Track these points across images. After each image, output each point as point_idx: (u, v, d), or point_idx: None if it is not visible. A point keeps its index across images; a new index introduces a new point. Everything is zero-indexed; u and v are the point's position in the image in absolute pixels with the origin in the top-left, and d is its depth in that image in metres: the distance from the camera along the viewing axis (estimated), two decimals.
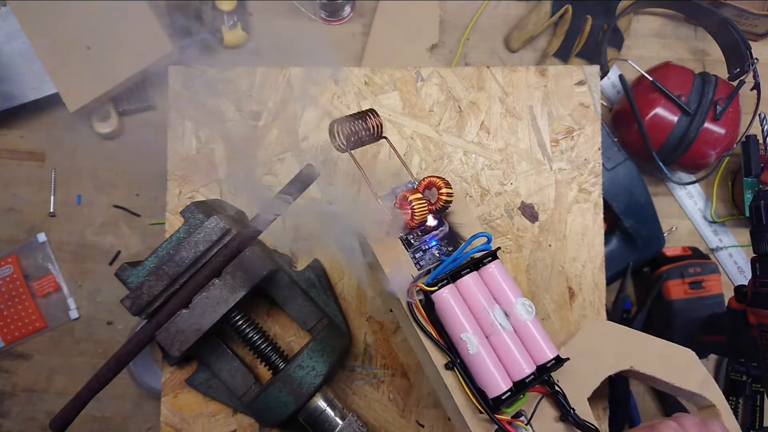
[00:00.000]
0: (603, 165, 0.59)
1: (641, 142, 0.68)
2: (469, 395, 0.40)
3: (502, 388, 0.39)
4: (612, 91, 0.77)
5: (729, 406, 0.48)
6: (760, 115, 0.71)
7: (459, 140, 0.59)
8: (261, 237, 0.51)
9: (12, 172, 0.75)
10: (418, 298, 0.42)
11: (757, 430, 0.69)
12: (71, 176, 0.74)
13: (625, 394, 0.66)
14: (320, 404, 0.50)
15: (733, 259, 0.74)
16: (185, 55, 0.74)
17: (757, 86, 0.69)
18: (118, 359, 0.47)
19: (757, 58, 0.68)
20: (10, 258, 0.72)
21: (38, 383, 0.72)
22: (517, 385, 0.40)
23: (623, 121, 0.71)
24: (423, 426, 0.55)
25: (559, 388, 0.43)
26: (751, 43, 0.70)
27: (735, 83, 0.69)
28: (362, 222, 0.44)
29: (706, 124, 0.67)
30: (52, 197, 0.74)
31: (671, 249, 0.72)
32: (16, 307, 0.71)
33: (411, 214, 0.42)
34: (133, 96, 0.74)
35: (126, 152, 0.75)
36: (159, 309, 0.48)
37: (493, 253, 0.43)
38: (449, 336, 0.41)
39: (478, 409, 0.40)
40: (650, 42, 0.78)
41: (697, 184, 0.75)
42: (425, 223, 0.44)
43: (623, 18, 0.75)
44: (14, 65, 0.72)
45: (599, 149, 0.58)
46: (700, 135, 0.67)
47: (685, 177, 0.75)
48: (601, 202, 0.58)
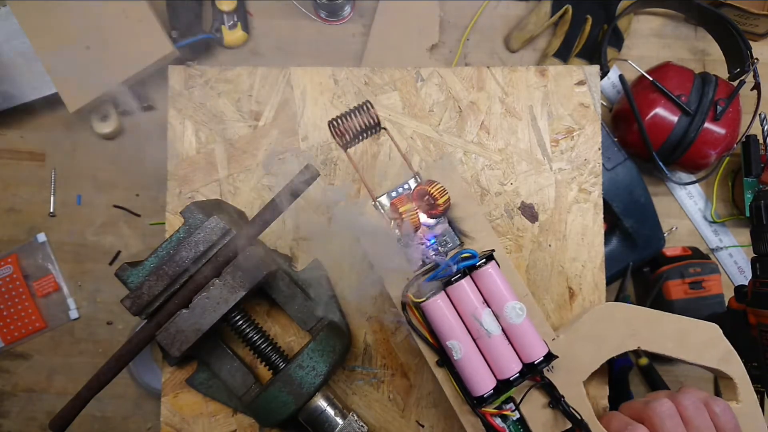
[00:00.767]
0: (603, 165, 0.59)
1: (641, 142, 0.68)
2: (457, 391, 0.44)
3: (486, 388, 0.42)
4: (612, 91, 0.77)
5: (749, 380, 0.47)
6: (760, 115, 0.71)
7: (459, 140, 0.59)
8: (261, 237, 0.51)
9: (12, 172, 0.75)
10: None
11: None
12: (71, 176, 0.74)
13: (625, 394, 0.66)
14: (320, 404, 0.50)
15: (733, 259, 0.74)
16: (185, 55, 0.74)
17: (757, 86, 0.69)
18: (118, 359, 0.47)
19: (757, 58, 0.68)
20: (10, 258, 0.72)
21: (38, 383, 0.72)
22: (502, 382, 0.42)
23: (623, 121, 0.71)
24: (423, 426, 0.55)
25: (548, 380, 0.44)
26: (751, 43, 0.70)
27: (735, 83, 0.69)
28: (359, 226, 0.45)
29: (706, 124, 0.67)
30: (52, 197, 0.74)
31: (671, 249, 0.72)
32: (16, 307, 0.71)
33: (403, 224, 0.43)
34: (133, 96, 0.74)
35: (126, 152, 0.75)
36: (159, 309, 0.48)
37: (489, 256, 0.43)
38: (439, 340, 0.43)
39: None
40: (650, 42, 0.78)
41: (697, 184, 0.75)
42: (419, 229, 0.44)
43: (623, 18, 0.75)
44: (14, 65, 0.72)
45: (599, 149, 0.58)
46: (700, 135, 0.67)
47: (685, 177, 0.75)
48: (601, 202, 0.58)
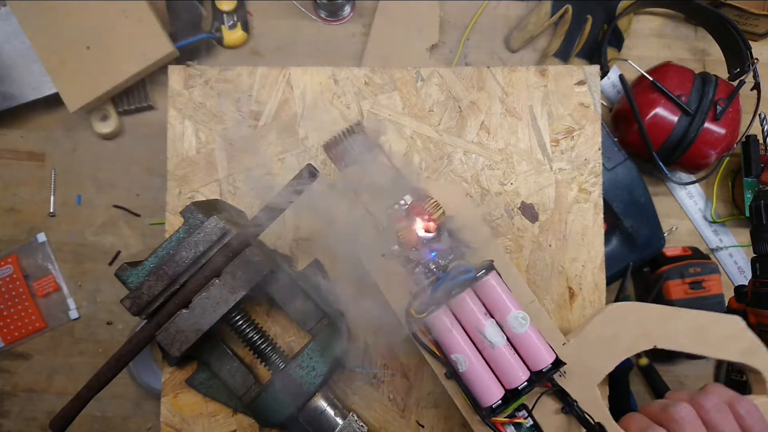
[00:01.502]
0: (603, 165, 0.59)
1: (641, 142, 0.68)
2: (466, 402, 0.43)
3: (494, 399, 0.41)
4: (612, 91, 0.77)
5: None
6: (760, 115, 0.71)
7: (459, 140, 0.59)
8: (261, 237, 0.51)
9: (12, 172, 0.75)
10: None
11: None
12: (71, 176, 0.74)
13: (625, 394, 0.66)
14: (320, 404, 0.50)
15: (733, 259, 0.74)
16: (185, 55, 0.74)
17: (757, 86, 0.69)
18: (118, 359, 0.47)
19: (757, 58, 0.68)
20: (10, 258, 0.72)
21: (38, 383, 0.72)
22: (510, 392, 0.42)
23: (623, 121, 0.71)
24: (423, 426, 0.55)
25: (558, 386, 0.44)
26: (751, 43, 0.70)
27: (735, 83, 0.69)
28: (356, 241, 0.45)
29: (706, 124, 0.67)
30: (52, 197, 0.74)
31: (671, 249, 0.71)
32: (16, 307, 0.71)
33: (399, 242, 0.43)
34: (133, 96, 0.74)
35: (126, 152, 0.75)
36: (159, 309, 0.48)
37: (489, 266, 0.43)
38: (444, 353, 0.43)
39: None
40: (650, 42, 0.78)
41: (697, 184, 0.75)
42: (417, 245, 0.44)
43: (623, 18, 0.75)
44: (14, 65, 0.72)
45: (599, 149, 0.58)
46: (700, 135, 0.67)
47: (685, 177, 0.75)
48: (601, 202, 0.58)
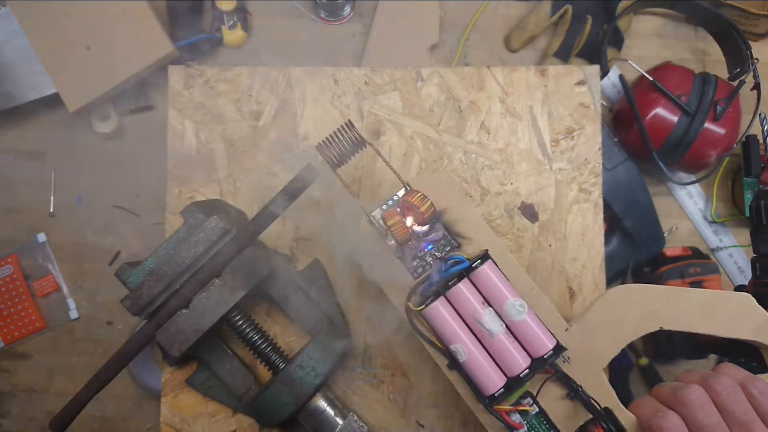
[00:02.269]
0: (603, 165, 0.59)
1: (641, 142, 0.68)
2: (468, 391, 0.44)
3: (495, 387, 0.42)
4: (612, 91, 0.77)
5: None
6: (760, 115, 0.71)
7: (459, 140, 0.59)
8: (261, 237, 0.51)
9: (12, 172, 0.75)
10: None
11: None
12: (71, 176, 0.74)
13: (625, 394, 0.66)
14: (320, 404, 0.50)
15: (733, 259, 0.74)
16: (185, 55, 0.74)
17: (757, 86, 0.69)
18: (118, 359, 0.47)
19: (757, 58, 0.68)
20: (9, 258, 0.72)
21: (38, 383, 0.72)
22: (512, 379, 0.42)
23: (623, 121, 0.71)
24: (423, 426, 0.55)
25: (561, 371, 0.44)
26: (751, 43, 0.70)
27: (735, 83, 0.69)
28: (353, 239, 0.45)
29: (706, 124, 0.67)
30: (51, 197, 0.74)
31: (671, 249, 0.71)
32: (16, 307, 0.71)
33: (393, 237, 0.43)
34: (133, 96, 0.74)
35: (126, 152, 0.75)
36: (159, 309, 0.48)
37: (484, 255, 0.43)
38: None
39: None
40: (650, 42, 0.78)
41: (697, 184, 0.75)
42: (410, 240, 0.44)
43: (623, 18, 0.75)
44: (14, 65, 0.72)
45: (599, 149, 0.58)
46: (700, 135, 0.67)
47: (685, 177, 0.75)
48: (601, 202, 0.58)
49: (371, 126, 0.59)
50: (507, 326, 0.43)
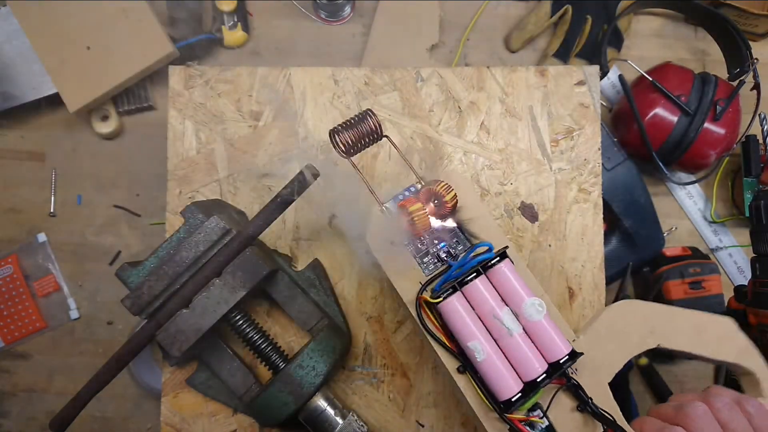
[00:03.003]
0: (603, 165, 0.59)
1: (641, 142, 0.68)
2: (481, 397, 0.41)
3: (512, 391, 0.39)
4: (612, 91, 0.77)
5: None
6: (760, 115, 0.71)
7: (459, 140, 0.59)
8: (261, 237, 0.51)
9: (12, 172, 0.75)
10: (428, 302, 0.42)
11: None
12: (71, 176, 0.74)
13: (625, 394, 0.66)
14: (320, 404, 0.50)
15: (733, 259, 0.74)
16: (185, 55, 0.74)
17: (757, 86, 0.69)
18: (118, 359, 0.47)
19: (757, 58, 0.68)
20: (10, 258, 0.72)
21: (38, 383, 0.72)
22: (528, 384, 0.40)
23: (623, 121, 0.71)
24: (423, 426, 0.55)
25: (575, 381, 0.42)
26: (751, 43, 0.70)
27: (735, 83, 0.69)
28: (365, 231, 0.44)
29: (706, 124, 0.67)
30: (52, 197, 0.74)
31: (671, 249, 0.72)
32: (16, 307, 0.71)
33: (413, 225, 0.42)
34: (133, 96, 0.74)
35: (126, 152, 0.75)
36: (159, 309, 0.48)
37: (502, 253, 0.42)
38: (459, 342, 0.41)
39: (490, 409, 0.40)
40: (650, 42, 0.78)
41: (696, 184, 0.75)
42: (429, 230, 0.43)
43: (623, 18, 0.75)
44: (14, 65, 0.72)
45: (599, 149, 0.59)
46: (700, 135, 0.67)
47: (684, 177, 0.75)
48: (600, 202, 0.58)
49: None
50: (523, 328, 0.41)
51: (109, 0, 0.70)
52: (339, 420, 0.50)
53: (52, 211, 0.74)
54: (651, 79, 0.68)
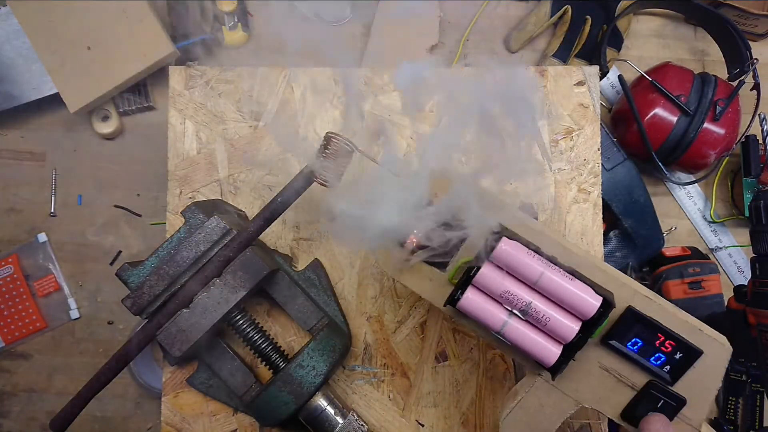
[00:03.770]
0: (602, 165, 0.59)
1: (641, 142, 0.68)
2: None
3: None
4: (611, 91, 0.77)
5: None
6: (759, 115, 0.71)
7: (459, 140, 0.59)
8: (261, 237, 0.51)
9: (13, 172, 0.75)
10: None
11: (757, 430, 0.69)
12: (72, 176, 0.75)
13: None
14: (321, 403, 0.50)
15: (733, 259, 0.74)
16: (186, 56, 0.74)
17: (756, 86, 0.69)
18: (118, 359, 0.47)
19: (756, 58, 0.69)
20: (10, 258, 0.72)
21: (39, 383, 0.72)
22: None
23: (622, 122, 0.71)
24: (423, 425, 0.55)
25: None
26: (751, 43, 0.70)
27: (735, 83, 0.69)
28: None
29: (706, 124, 0.67)
30: (52, 197, 0.74)
31: (670, 249, 0.72)
32: (17, 307, 0.72)
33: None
34: (133, 96, 0.75)
35: (126, 152, 0.75)
36: (160, 309, 0.48)
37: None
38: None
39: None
40: (650, 42, 0.78)
41: (696, 184, 0.75)
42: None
43: (623, 18, 0.75)
44: (15, 65, 0.72)
45: (598, 149, 0.59)
46: (700, 135, 0.67)
47: (684, 177, 0.75)
48: (600, 202, 0.58)
49: (371, 126, 0.59)
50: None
51: (109, 0, 0.70)
52: (339, 419, 0.50)
53: (52, 211, 0.74)
54: (650, 79, 0.68)
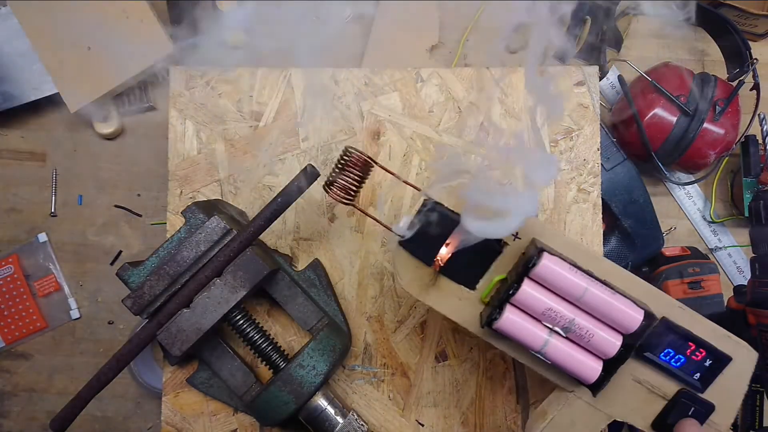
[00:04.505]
0: (602, 165, 0.59)
1: (640, 143, 0.68)
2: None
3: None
4: (611, 91, 0.77)
5: None
6: (759, 115, 0.71)
7: (459, 140, 0.59)
8: (261, 237, 0.51)
9: (13, 172, 0.75)
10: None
11: (757, 430, 0.69)
12: (72, 176, 0.74)
13: None
14: (321, 403, 0.50)
15: (733, 259, 0.74)
16: (186, 56, 0.74)
17: (756, 86, 0.69)
18: (118, 359, 0.47)
19: (756, 58, 0.69)
20: (10, 258, 0.72)
21: (39, 383, 0.72)
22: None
23: (622, 122, 0.71)
24: (423, 425, 0.55)
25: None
26: (751, 43, 0.70)
27: (734, 83, 0.69)
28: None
29: (706, 124, 0.67)
30: (53, 197, 0.74)
31: (670, 249, 0.72)
32: (17, 307, 0.72)
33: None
34: (133, 96, 0.74)
35: (127, 152, 0.75)
36: (160, 308, 0.48)
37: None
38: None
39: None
40: (649, 42, 0.78)
41: (696, 184, 0.75)
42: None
43: (623, 18, 0.75)
44: (14, 65, 0.72)
45: (598, 149, 0.59)
46: (700, 135, 0.67)
47: (684, 177, 0.75)
48: (600, 202, 0.58)
49: (371, 126, 0.59)
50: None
51: (109, 0, 0.70)
52: (339, 419, 0.50)
53: (52, 211, 0.74)
54: (650, 79, 0.68)
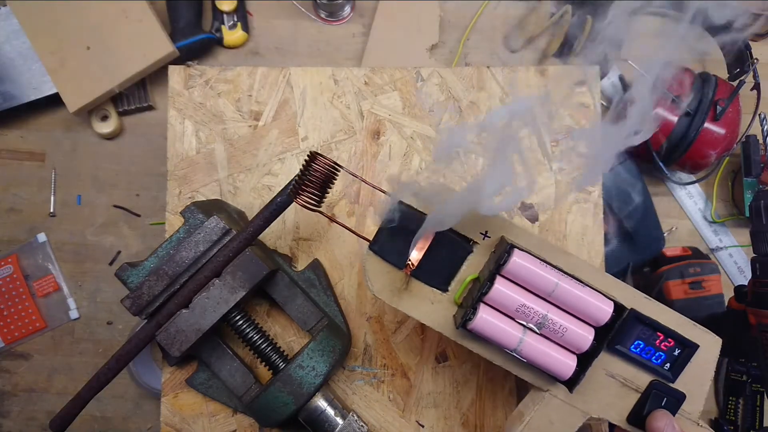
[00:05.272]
0: None
1: (641, 143, 0.68)
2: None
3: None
4: (612, 91, 0.77)
5: None
6: (760, 115, 0.71)
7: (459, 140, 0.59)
8: (261, 237, 0.51)
9: (12, 172, 0.75)
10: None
11: (757, 430, 0.69)
12: (71, 176, 0.74)
13: None
14: (320, 404, 0.50)
15: (733, 259, 0.74)
16: (185, 55, 0.74)
17: (757, 86, 0.69)
18: (118, 359, 0.47)
19: (757, 58, 0.68)
20: (10, 258, 0.72)
21: (38, 383, 0.72)
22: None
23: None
24: (423, 426, 0.55)
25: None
26: (751, 43, 0.70)
27: (735, 83, 0.69)
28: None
29: (706, 124, 0.67)
30: (52, 197, 0.74)
31: (671, 249, 0.72)
32: (16, 307, 0.71)
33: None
34: (133, 96, 0.74)
35: (126, 152, 0.75)
36: (159, 309, 0.48)
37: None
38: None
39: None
40: (650, 42, 0.78)
41: (697, 184, 0.75)
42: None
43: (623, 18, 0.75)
44: (14, 65, 0.72)
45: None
46: (700, 135, 0.67)
47: (685, 177, 0.75)
48: (601, 202, 0.58)
49: (371, 126, 0.59)
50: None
51: (109, 0, 0.70)
52: (339, 420, 0.50)
53: (52, 211, 0.74)
54: (650, 79, 0.68)
